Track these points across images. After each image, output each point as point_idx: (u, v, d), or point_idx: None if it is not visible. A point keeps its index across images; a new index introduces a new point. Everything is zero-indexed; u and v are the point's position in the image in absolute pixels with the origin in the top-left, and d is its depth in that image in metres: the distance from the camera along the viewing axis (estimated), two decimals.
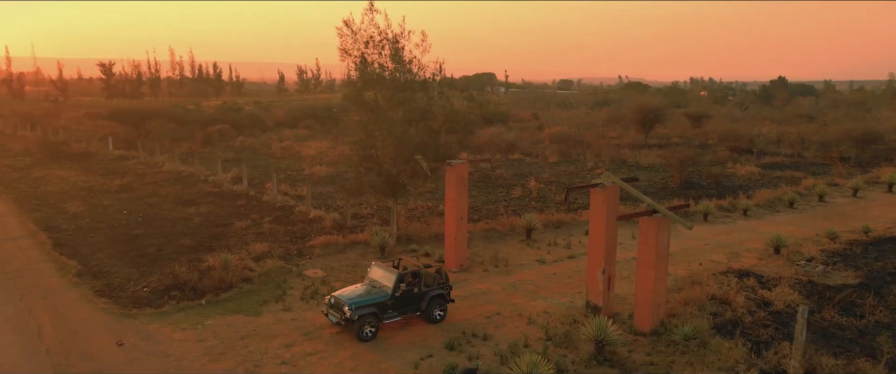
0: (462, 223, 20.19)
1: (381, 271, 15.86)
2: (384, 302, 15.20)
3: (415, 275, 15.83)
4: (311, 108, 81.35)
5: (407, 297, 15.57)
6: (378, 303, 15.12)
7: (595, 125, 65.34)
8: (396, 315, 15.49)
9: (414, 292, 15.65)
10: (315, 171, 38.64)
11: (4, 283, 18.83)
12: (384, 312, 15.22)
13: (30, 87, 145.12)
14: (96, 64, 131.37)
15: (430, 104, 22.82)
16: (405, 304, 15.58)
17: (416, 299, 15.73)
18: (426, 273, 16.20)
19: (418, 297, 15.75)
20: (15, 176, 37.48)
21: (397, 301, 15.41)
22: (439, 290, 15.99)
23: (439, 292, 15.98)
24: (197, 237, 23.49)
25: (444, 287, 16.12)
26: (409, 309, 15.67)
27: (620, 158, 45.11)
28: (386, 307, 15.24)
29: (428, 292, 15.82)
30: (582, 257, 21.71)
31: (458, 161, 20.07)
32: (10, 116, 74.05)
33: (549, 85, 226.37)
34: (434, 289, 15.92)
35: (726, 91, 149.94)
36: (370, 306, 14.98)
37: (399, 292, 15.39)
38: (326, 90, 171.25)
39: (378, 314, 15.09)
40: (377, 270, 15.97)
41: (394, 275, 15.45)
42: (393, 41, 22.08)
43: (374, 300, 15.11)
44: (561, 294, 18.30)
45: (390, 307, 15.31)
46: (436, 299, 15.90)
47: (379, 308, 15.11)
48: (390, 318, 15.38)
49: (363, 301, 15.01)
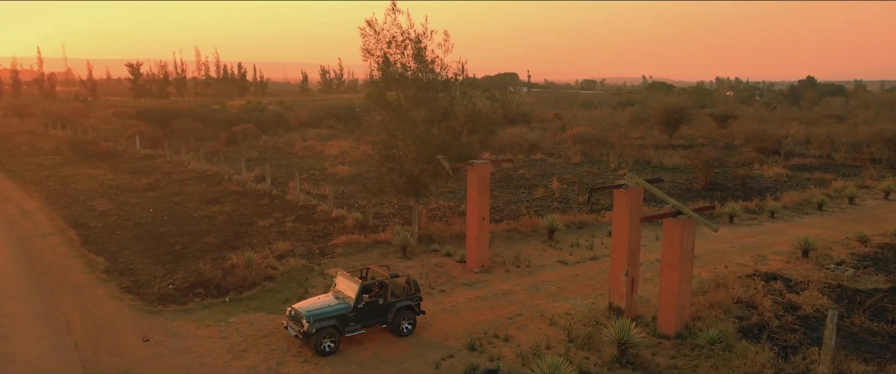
0: (484, 224, 20.13)
1: (345, 281, 15.07)
2: (346, 314, 14.40)
3: (380, 285, 15.13)
4: (334, 107, 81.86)
5: (371, 309, 14.76)
6: (339, 315, 14.32)
7: (618, 126, 64.75)
8: (359, 328, 14.66)
9: (379, 304, 14.84)
10: (337, 170, 38.86)
11: (35, 278, 19.24)
12: (346, 324, 14.43)
13: (61, 87, 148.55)
14: (124, 64, 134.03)
15: (453, 104, 22.80)
16: (369, 316, 14.76)
17: (381, 311, 14.90)
18: (394, 283, 15.39)
19: (384, 308, 14.92)
20: (46, 174, 38.28)
21: (360, 313, 14.60)
22: (407, 301, 15.14)
23: (407, 303, 15.13)
24: (221, 236, 23.76)
25: (414, 298, 15.27)
26: (373, 321, 14.86)
27: (644, 158, 44.63)
28: (347, 320, 14.44)
29: (395, 303, 14.99)
30: (605, 259, 21.53)
31: (480, 161, 20.02)
32: (41, 115, 75.69)
33: (572, 85, 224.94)
34: (402, 300, 15.08)
35: (753, 91, 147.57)
36: (330, 319, 14.20)
37: (362, 303, 14.58)
38: (349, 90, 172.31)
39: (338, 326, 14.27)
40: (342, 280, 15.19)
41: (357, 285, 14.62)
42: (415, 41, 22.10)
43: (335, 312, 14.34)
44: (583, 296, 18.15)
45: (353, 320, 14.50)
46: (404, 310, 15.07)
47: (340, 321, 14.31)
48: (353, 331, 14.57)
49: (323, 313, 14.24)
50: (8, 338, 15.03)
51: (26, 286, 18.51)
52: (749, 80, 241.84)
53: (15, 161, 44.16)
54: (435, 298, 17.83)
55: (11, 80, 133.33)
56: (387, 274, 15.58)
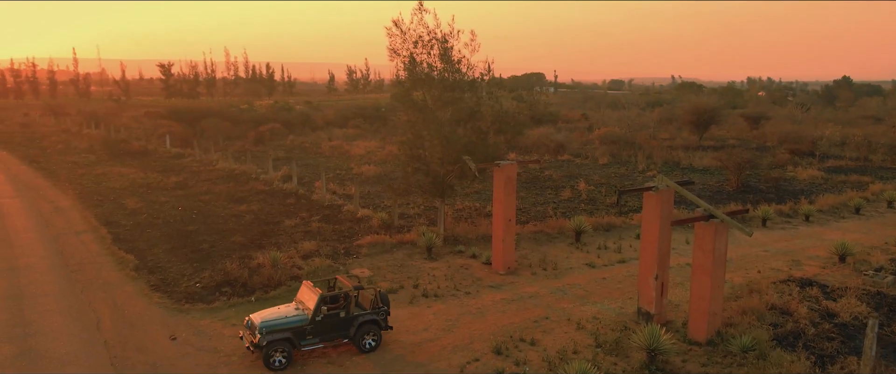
0: (510, 225, 19.91)
1: (307, 291, 14.42)
2: (302, 327, 13.73)
3: (344, 297, 14.54)
4: (361, 107, 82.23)
5: (331, 321, 14.00)
6: (294, 327, 13.67)
7: (647, 126, 63.78)
8: (317, 341, 13.94)
9: (340, 317, 14.08)
10: (363, 170, 38.95)
11: (68, 275, 19.58)
12: (302, 337, 13.75)
13: (95, 87, 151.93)
14: (156, 65, 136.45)
15: (479, 104, 22.64)
16: (329, 329, 14.01)
17: (342, 325, 14.12)
18: (360, 296, 14.82)
19: (346, 322, 14.13)
20: (80, 172, 39.05)
21: (318, 326, 13.87)
22: (372, 315, 14.35)
23: (372, 317, 14.32)
24: (248, 235, 23.92)
25: (380, 313, 14.46)
26: (334, 335, 14.09)
27: (673, 160, 43.89)
28: (304, 332, 13.75)
29: (358, 317, 14.21)
30: (633, 262, 21.15)
31: (506, 162, 19.81)
32: (76, 114, 77.42)
33: (600, 85, 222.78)
34: (366, 314, 14.31)
35: (786, 91, 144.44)
36: (284, 331, 13.54)
37: (320, 315, 13.88)
38: (375, 90, 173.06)
39: (292, 339, 13.59)
40: (305, 290, 14.55)
41: (317, 296, 13.98)
42: (442, 41, 22.00)
43: (291, 324, 13.68)
44: (611, 300, 17.83)
45: (310, 332, 13.81)
46: (367, 325, 14.25)
47: (295, 333, 13.65)
48: (310, 345, 13.87)
49: (276, 325, 13.58)
50: (41, 334, 15.28)
51: (59, 283, 18.84)
52: (781, 80, 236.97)
53: (50, 159, 45.16)
54: (460, 300, 17.69)
55: (48, 80, 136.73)
56: (350, 287, 14.57)
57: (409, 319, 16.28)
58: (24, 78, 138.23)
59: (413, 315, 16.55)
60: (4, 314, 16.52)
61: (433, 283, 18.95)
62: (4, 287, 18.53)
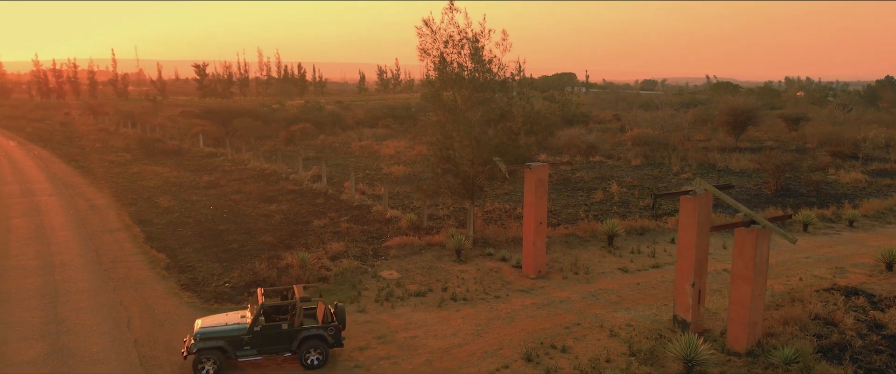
0: (541, 228, 19.51)
1: (261, 299, 13.95)
2: (239, 336, 13.20)
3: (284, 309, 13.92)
4: (391, 107, 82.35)
5: (271, 333, 13.37)
6: (230, 336, 13.17)
7: (681, 127, 62.48)
8: (255, 353, 13.38)
9: (282, 329, 13.41)
10: (393, 170, 38.85)
11: (101, 273, 19.81)
12: (239, 347, 13.22)
13: (133, 87, 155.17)
14: (192, 65, 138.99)
15: (510, 105, 22.27)
16: (269, 341, 13.39)
17: (285, 338, 13.41)
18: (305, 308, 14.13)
19: (288, 335, 13.42)
20: (116, 171, 39.76)
21: (257, 337, 13.29)
22: (319, 330, 13.50)
23: (318, 333, 13.48)
24: (277, 234, 23.95)
25: (328, 328, 13.56)
26: (275, 348, 13.44)
27: (709, 162, 42.80)
28: (241, 343, 13.22)
29: (301, 330, 13.46)
30: (668, 267, 20.58)
31: (537, 164, 19.41)
32: (113, 114, 79.10)
33: (632, 85, 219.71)
34: (312, 328, 13.50)
35: (826, 92, 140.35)
36: (218, 339, 13.07)
37: (259, 326, 13.33)
38: (405, 90, 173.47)
39: (226, 349, 13.10)
40: (259, 297, 14.05)
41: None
42: (473, 40, 21.70)
43: (227, 333, 13.20)
44: (645, 306, 17.31)
45: (247, 343, 13.26)
46: (312, 340, 13.43)
47: (231, 343, 13.15)
48: (247, 356, 13.33)
49: (212, 332, 13.16)
50: (73, 332, 15.43)
51: (93, 281, 19.06)
52: (821, 79, 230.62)
53: (88, 158, 46.11)
54: (490, 304, 17.36)
55: (88, 80, 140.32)
56: (297, 298, 13.77)
57: (437, 323, 16.02)
58: (66, 78, 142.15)
59: (441, 319, 16.28)
60: (39, 311, 16.75)
61: (462, 286, 18.67)
62: (40, 284, 18.83)
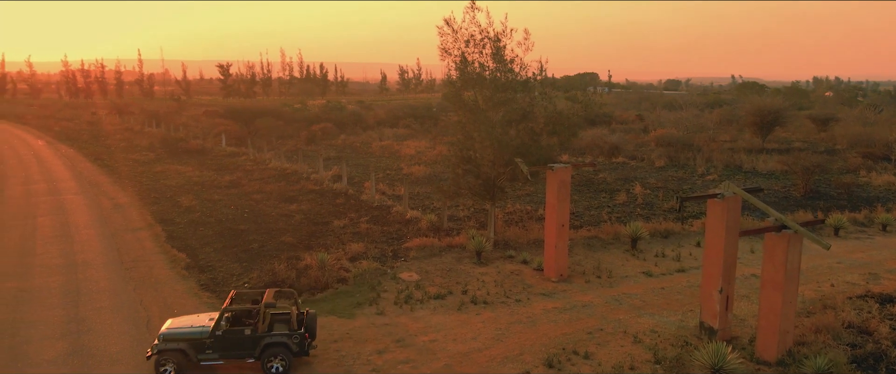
0: (563, 231, 19.15)
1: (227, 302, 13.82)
2: (201, 340, 13.04)
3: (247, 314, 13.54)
4: (412, 107, 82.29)
5: (234, 338, 13.12)
6: (193, 339, 13.02)
7: (706, 128, 61.42)
8: (217, 357, 13.16)
9: (245, 334, 13.12)
10: (413, 170, 38.69)
11: (122, 272, 19.90)
12: (200, 351, 13.05)
13: (158, 86, 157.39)
14: (216, 65, 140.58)
15: (532, 105, 21.95)
16: (230, 346, 13.13)
17: (248, 343, 13.12)
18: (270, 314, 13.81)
19: (251, 341, 13.13)
20: (140, 170, 40.17)
21: (219, 341, 13.06)
22: (282, 337, 13.15)
23: (281, 340, 13.11)
24: (297, 235, 23.90)
25: (292, 336, 13.18)
26: (238, 353, 13.18)
27: (735, 163, 41.96)
28: (203, 346, 13.04)
29: (264, 337, 13.14)
30: (693, 272, 20.09)
31: (560, 165, 19.06)
32: (139, 113, 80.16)
33: (655, 85, 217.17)
34: (275, 335, 13.15)
35: (855, 92, 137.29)
36: (179, 341, 12.98)
37: (220, 330, 13.09)
38: (427, 90, 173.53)
39: (187, 352, 12.94)
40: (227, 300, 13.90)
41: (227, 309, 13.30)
42: (494, 39, 21.41)
43: (189, 335, 13.06)
44: (670, 312, 16.87)
45: (209, 347, 13.05)
46: (275, 347, 13.07)
47: (193, 345, 12.99)
48: (209, 360, 13.14)
49: (176, 334, 13.10)
50: (93, 332, 15.47)
51: (113, 280, 19.15)
52: (850, 79, 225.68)
53: (113, 157, 46.68)
54: (510, 307, 17.06)
55: (115, 80, 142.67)
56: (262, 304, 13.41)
57: (457, 326, 15.77)
58: (94, 78, 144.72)
59: (461, 323, 16.03)
60: (61, 310, 16.85)
61: (482, 289, 18.40)
62: (63, 283, 18.97)
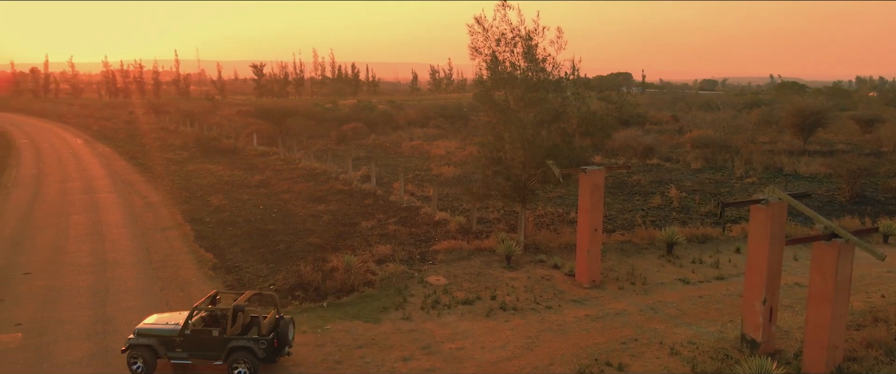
0: (596, 236, 18.51)
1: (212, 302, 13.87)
2: (171, 338, 13.11)
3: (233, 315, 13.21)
4: (442, 107, 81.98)
5: (201, 339, 13.06)
6: (163, 337, 13.12)
7: (744, 129, 59.71)
8: (185, 356, 13.17)
9: (212, 336, 13.02)
10: (442, 171, 38.28)
11: (150, 272, 19.91)
12: (170, 348, 13.11)
13: (194, 86, 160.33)
14: (250, 65, 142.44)
15: (564, 105, 21.33)
16: (198, 346, 13.10)
17: (214, 345, 13.02)
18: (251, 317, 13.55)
19: (218, 343, 12.99)
20: (173, 169, 40.59)
21: (188, 341, 13.07)
22: (247, 342, 12.88)
23: (246, 345, 12.86)
24: (324, 236, 23.67)
25: (258, 341, 12.84)
26: (206, 354, 13.10)
27: (775, 165, 40.54)
28: (173, 344, 13.12)
29: (230, 340, 12.93)
30: (733, 279, 19.25)
31: (593, 167, 18.42)
32: (175, 113, 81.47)
33: (690, 85, 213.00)
34: (241, 339, 12.92)
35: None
36: (151, 338, 13.12)
37: (188, 330, 13.09)
38: (458, 90, 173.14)
39: (156, 348, 13.03)
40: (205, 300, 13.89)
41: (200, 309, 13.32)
42: (526, 38, 20.86)
43: (161, 333, 13.18)
44: (709, 322, 16.11)
45: (179, 345, 13.11)
46: (240, 351, 12.87)
47: (163, 343, 13.09)
48: (178, 358, 13.19)
49: (150, 330, 13.25)
50: (119, 333, 15.39)
51: (141, 280, 19.14)
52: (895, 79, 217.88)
53: (148, 156, 47.34)
54: (541, 314, 16.51)
55: (153, 80, 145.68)
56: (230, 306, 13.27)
57: (485, 334, 15.29)
58: (132, 78, 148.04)
59: (490, 330, 15.54)
60: (89, 310, 16.86)
61: (512, 294, 17.87)
62: (92, 282, 19.03)
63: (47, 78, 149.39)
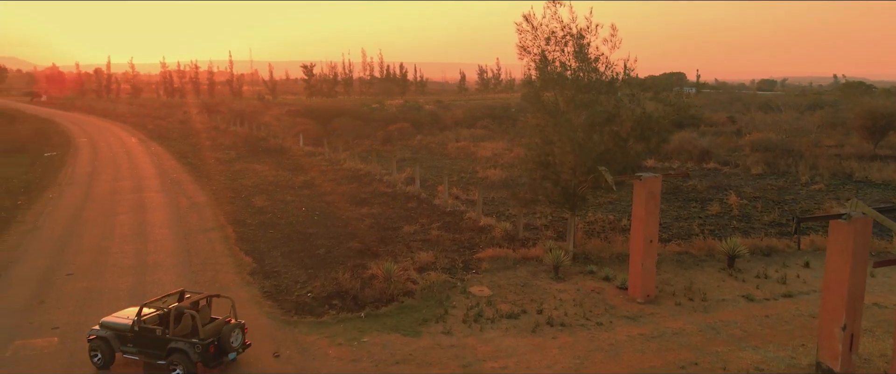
0: (651, 247, 17.26)
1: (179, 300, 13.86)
2: (125, 333, 13.37)
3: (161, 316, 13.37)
4: (490, 107, 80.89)
5: (146, 337, 13.20)
6: (118, 331, 13.45)
7: (808, 131, 56.61)
8: (135, 352, 13.38)
9: (155, 335, 13.10)
10: (488, 174, 37.31)
11: (189, 276, 19.65)
12: (123, 343, 13.41)
13: (247, 86, 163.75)
14: (300, 66, 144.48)
15: (618, 107, 20.10)
16: (145, 344, 13.26)
17: (157, 344, 13.12)
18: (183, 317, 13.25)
19: (161, 342, 13.06)
20: (220, 168, 40.89)
21: (137, 337, 13.28)
22: (185, 345, 12.74)
23: (182, 347, 12.73)
24: (365, 240, 23.04)
25: (195, 346, 12.67)
26: (151, 352, 13.22)
27: (844, 171, 38.02)
28: (125, 339, 13.40)
29: (170, 341, 12.90)
30: (802, 297, 17.70)
31: (649, 175, 17.17)
32: (226, 112, 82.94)
33: (747, 85, 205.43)
34: (180, 341, 12.81)
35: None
36: (109, 331, 13.50)
37: (137, 326, 13.26)
38: (506, 90, 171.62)
39: (112, 342, 13.38)
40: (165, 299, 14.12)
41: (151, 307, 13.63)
42: (577, 37, 19.74)
43: (118, 327, 13.49)
44: (778, 345, 14.70)
45: (130, 341, 13.36)
46: (177, 353, 12.80)
47: (117, 337, 13.43)
48: (129, 353, 13.45)
49: (110, 323, 13.60)
50: None
51: (180, 284, 18.82)
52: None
53: (197, 155, 47.98)
54: (591, 332, 15.41)
55: (208, 80, 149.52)
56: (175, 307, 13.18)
57: (530, 352, 14.31)
58: (188, 79, 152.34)
59: (535, 347, 14.54)
60: None
61: (560, 308, 16.81)
62: (132, 285, 18.89)
63: (109, 78, 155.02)
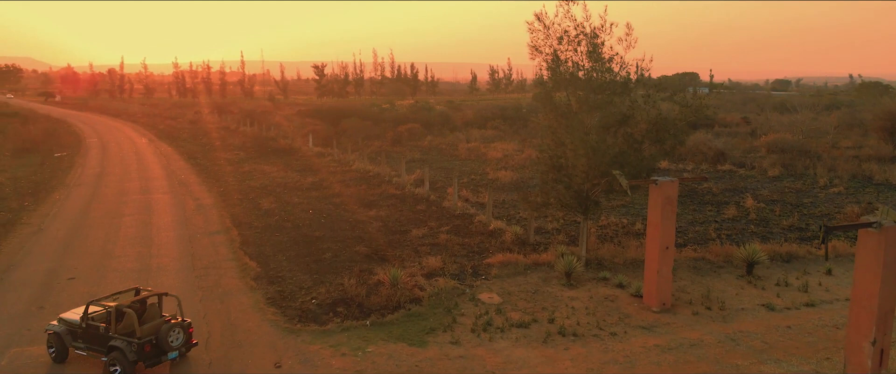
0: (667, 254, 16.63)
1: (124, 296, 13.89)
2: (75, 329, 13.52)
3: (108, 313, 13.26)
4: (501, 108, 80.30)
5: (92, 333, 13.30)
6: (71, 326, 13.60)
7: (825, 132, 55.54)
8: (83, 348, 13.49)
9: (99, 332, 13.16)
10: (499, 176, 36.71)
11: (192, 281, 19.24)
12: (74, 338, 13.57)
13: (258, 87, 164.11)
14: (311, 66, 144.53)
15: (633, 109, 19.49)
16: (91, 340, 13.35)
17: (100, 341, 13.18)
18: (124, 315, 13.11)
19: (103, 339, 13.11)
20: (228, 169, 40.60)
21: (84, 333, 13.38)
22: (121, 344, 12.70)
23: (120, 346, 12.69)
24: (372, 244, 22.56)
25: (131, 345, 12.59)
26: (96, 349, 13.30)
27: (863, 174, 37.11)
28: (75, 335, 13.55)
29: (110, 338, 12.93)
30: (825, 307, 17.01)
31: (665, 179, 16.55)
32: (237, 113, 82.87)
33: (761, 85, 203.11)
34: (118, 339, 12.79)
35: None
36: (62, 326, 13.66)
37: (84, 323, 13.34)
38: (517, 90, 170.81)
39: (62, 337, 13.51)
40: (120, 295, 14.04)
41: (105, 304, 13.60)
42: (591, 36, 19.16)
43: (70, 322, 13.61)
44: (801, 359, 14.05)
45: (79, 337, 13.47)
46: (116, 352, 12.80)
47: (69, 332, 13.58)
48: (79, 349, 13.56)
49: (65, 319, 13.74)
50: None
51: (183, 289, 18.43)
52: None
53: (207, 155, 47.76)
54: (604, 342, 14.82)
55: (220, 81, 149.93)
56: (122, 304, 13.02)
57: (541, 363, 13.74)
58: (200, 79, 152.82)
59: (547, 359, 13.98)
60: None
61: (572, 317, 16.23)
62: None
63: (122, 79, 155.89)
